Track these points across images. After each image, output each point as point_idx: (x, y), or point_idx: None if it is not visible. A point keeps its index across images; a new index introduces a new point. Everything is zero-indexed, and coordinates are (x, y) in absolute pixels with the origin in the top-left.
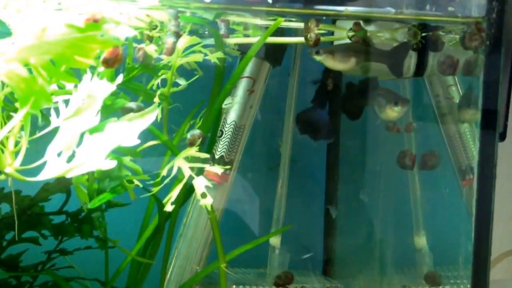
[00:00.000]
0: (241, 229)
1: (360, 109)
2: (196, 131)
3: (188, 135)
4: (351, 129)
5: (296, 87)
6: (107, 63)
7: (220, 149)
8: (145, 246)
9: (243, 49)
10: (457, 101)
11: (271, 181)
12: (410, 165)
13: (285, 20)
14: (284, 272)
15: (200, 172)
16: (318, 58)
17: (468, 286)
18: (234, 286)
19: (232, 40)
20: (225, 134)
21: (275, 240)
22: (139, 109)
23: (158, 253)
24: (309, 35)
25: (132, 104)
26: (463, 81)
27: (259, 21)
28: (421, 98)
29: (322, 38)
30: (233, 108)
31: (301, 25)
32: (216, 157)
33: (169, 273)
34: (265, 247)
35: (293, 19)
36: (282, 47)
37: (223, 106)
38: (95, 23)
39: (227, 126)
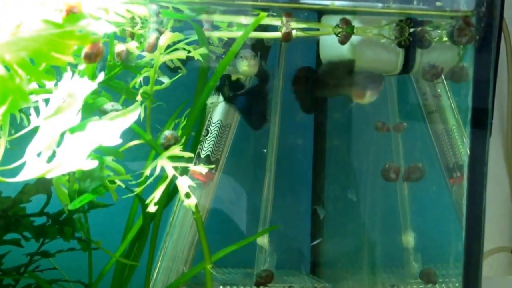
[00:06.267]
0: (228, 228)
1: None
2: (168, 132)
3: (161, 139)
4: (338, 128)
5: (282, 88)
6: (88, 57)
7: (206, 148)
8: (130, 247)
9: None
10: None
11: (258, 181)
12: (395, 177)
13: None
14: (265, 270)
15: (184, 171)
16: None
17: (457, 284)
18: (221, 287)
19: (215, 34)
20: (211, 133)
21: (262, 240)
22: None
23: (144, 254)
24: (279, 29)
25: (108, 106)
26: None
27: (243, 20)
28: (408, 96)
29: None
30: (218, 107)
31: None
32: (202, 156)
33: (156, 273)
34: (253, 247)
35: (274, 14)
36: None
37: (209, 105)
38: (72, 14)
39: (212, 125)
